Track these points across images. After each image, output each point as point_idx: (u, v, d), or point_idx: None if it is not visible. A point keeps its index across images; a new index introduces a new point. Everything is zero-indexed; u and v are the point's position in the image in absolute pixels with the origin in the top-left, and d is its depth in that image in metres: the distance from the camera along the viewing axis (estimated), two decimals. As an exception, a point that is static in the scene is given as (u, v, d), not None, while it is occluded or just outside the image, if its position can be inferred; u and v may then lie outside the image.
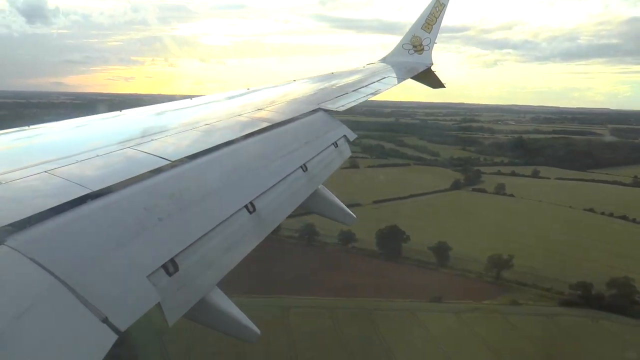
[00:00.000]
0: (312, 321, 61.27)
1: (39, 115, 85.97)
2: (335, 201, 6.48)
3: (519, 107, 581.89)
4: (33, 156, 4.18)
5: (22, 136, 5.20)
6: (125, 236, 3.24)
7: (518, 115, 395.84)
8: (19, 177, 3.54)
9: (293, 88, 10.16)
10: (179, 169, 4.40)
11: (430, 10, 15.95)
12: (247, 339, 4.14)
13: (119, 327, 2.68)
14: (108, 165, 4.11)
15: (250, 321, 4.11)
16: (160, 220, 3.56)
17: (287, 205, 5.16)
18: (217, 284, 3.82)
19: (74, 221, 3.17)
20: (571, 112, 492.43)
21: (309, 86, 10.56)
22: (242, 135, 5.71)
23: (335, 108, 8.23)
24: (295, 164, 5.74)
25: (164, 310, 3.13)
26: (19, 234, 2.86)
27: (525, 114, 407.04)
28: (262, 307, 55.98)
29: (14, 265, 2.64)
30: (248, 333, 4.09)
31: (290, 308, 64.03)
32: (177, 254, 3.40)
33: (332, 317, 62.96)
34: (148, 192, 3.86)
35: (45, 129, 5.49)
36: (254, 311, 5.55)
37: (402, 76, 13.98)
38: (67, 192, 3.36)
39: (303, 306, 64.70)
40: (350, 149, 7.52)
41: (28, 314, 2.38)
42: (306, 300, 66.02)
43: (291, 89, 9.97)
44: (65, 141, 5.17)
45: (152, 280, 3.11)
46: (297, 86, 10.47)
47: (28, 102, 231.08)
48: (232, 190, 4.57)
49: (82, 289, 2.68)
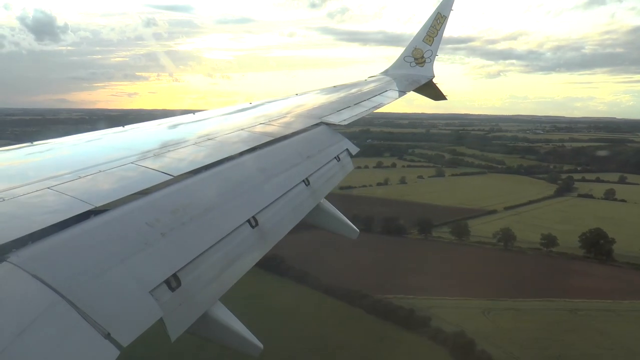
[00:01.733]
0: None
1: (41, 132, 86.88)
2: (337, 215, 6.47)
3: (522, 117, 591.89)
4: (36, 172, 4.21)
5: (25, 152, 5.24)
6: (127, 252, 3.25)
7: (531, 125, 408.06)
8: (22, 194, 3.56)
9: (295, 102, 10.19)
10: (182, 184, 4.42)
11: (431, 22, 16.03)
12: (249, 352, 4.12)
13: (122, 343, 2.68)
14: (111, 181, 4.14)
15: (253, 335, 4.09)
16: (163, 235, 3.57)
17: (290, 220, 5.16)
18: (219, 298, 3.82)
19: (77, 237, 3.19)
20: (578, 121, 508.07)
21: (311, 100, 10.60)
22: (244, 149, 5.74)
23: (337, 122, 8.26)
24: (298, 178, 5.75)
25: (166, 325, 3.12)
26: (22, 250, 2.88)
27: (539, 124, 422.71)
28: (554, 311, 67.26)
29: (16, 281, 2.65)
30: (251, 347, 4.07)
31: (576, 311, 70.64)
32: (179, 269, 3.40)
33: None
34: (151, 208, 3.87)
35: (48, 145, 5.53)
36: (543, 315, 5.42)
37: (404, 89, 14.02)
38: (70, 208, 3.38)
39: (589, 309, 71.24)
40: (412, 157, 7.43)
41: (30, 331, 2.38)
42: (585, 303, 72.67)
43: (293, 103, 10.00)
44: (68, 157, 5.20)
45: (155, 296, 3.11)
46: (299, 100, 10.50)
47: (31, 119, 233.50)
48: (235, 204, 4.58)
49: (85, 305, 2.69)
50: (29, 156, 5.18)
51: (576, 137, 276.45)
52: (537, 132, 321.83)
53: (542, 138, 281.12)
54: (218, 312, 3.83)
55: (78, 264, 2.97)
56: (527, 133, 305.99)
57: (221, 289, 3.79)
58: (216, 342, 3.93)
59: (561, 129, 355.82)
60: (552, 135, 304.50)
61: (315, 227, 6.34)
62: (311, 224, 6.16)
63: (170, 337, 3.18)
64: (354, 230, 6.72)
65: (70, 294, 2.68)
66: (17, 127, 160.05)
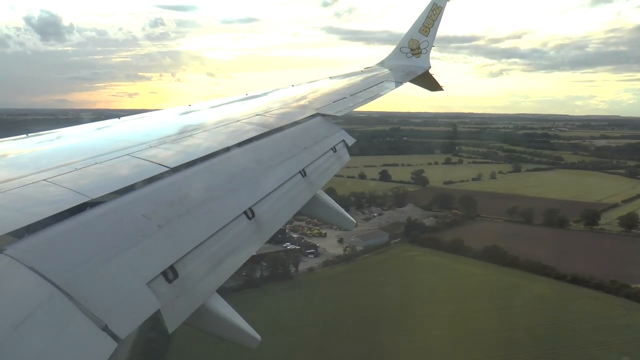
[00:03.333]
0: None
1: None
2: (334, 206, 6.47)
3: (524, 116, 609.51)
4: (32, 164, 4.19)
5: (20, 145, 5.20)
6: (124, 244, 3.24)
7: (536, 122, 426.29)
8: (18, 186, 3.54)
9: (291, 93, 10.14)
10: (178, 176, 4.41)
11: (427, 13, 15.92)
12: (247, 344, 4.13)
13: (119, 335, 2.68)
14: (107, 172, 4.11)
15: (251, 327, 4.10)
16: (160, 227, 3.57)
17: (287, 211, 5.16)
18: (216, 290, 3.82)
19: (73, 229, 3.18)
20: (586, 119, 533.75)
21: (307, 91, 10.56)
22: (241, 141, 5.72)
23: (333, 113, 8.24)
24: (294, 169, 5.74)
25: (163, 317, 3.12)
26: (18, 242, 2.87)
27: (545, 122, 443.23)
28: None
29: (13, 274, 2.64)
30: (248, 339, 4.08)
31: None
32: (176, 261, 3.40)
33: None
34: (147, 200, 3.86)
35: (44, 137, 5.50)
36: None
37: (400, 79, 13.96)
38: (66, 200, 3.36)
39: None
40: (462, 154, 7.48)
41: (28, 323, 2.38)
42: None
43: (289, 94, 9.95)
44: (63, 149, 5.17)
45: (152, 288, 3.11)
46: (295, 91, 10.45)
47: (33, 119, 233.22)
48: (231, 196, 4.57)
49: (82, 297, 2.69)
50: (24, 148, 5.15)
51: (609, 134, 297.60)
52: (562, 130, 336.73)
53: (573, 135, 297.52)
54: (216, 304, 3.83)
55: (75, 256, 2.96)
56: (552, 130, 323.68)
57: (218, 280, 3.79)
58: (214, 334, 3.94)
59: (576, 127, 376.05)
60: (579, 132, 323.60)
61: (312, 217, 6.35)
62: (308, 214, 6.17)
63: (167, 329, 3.19)
64: (350, 221, 6.72)
65: (67, 286, 2.68)
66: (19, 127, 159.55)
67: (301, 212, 5.62)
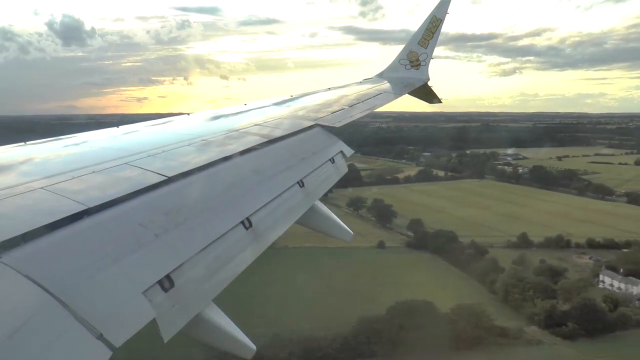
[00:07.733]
0: None
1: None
2: (331, 217, 6.47)
3: (538, 114, 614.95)
4: (29, 172, 4.20)
5: (18, 152, 5.22)
6: (120, 252, 3.24)
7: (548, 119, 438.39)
8: (15, 194, 3.55)
9: (289, 104, 10.21)
10: (176, 185, 4.42)
11: (426, 25, 16.07)
12: (242, 355, 4.12)
13: (114, 344, 2.68)
14: (104, 181, 4.13)
15: (246, 337, 4.09)
16: (157, 236, 3.57)
17: (284, 221, 5.16)
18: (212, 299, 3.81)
19: (69, 238, 3.18)
20: (599, 117, 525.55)
21: (305, 101, 10.61)
22: (239, 151, 5.74)
23: (332, 124, 8.27)
24: (292, 179, 5.76)
25: (159, 326, 3.12)
26: (14, 250, 2.87)
27: (554, 119, 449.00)
28: None
29: (8, 281, 2.64)
30: (244, 349, 4.07)
31: None
32: (173, 270, 3.40)
33: None
34: (144, 208, 3.87)
35: (42, 145, 5.51)
36: None
37: (399, 92, 14.05)
38: (62, 209, 3.37)
39: None
40: (509, 155, 7.43)
41: (22, 331, 2.37)
42: None
43: (287, 105, 10.01)
44: (61, 157, 5.18)
45: (148, 297, 3.10)
46: (293, 102, 10.52)
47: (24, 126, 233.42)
48: (229, 206, 4.58)
49: (77, 306, 2.68)
50: (22, 156, 5.16)
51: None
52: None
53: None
54: (211, 314, 3.83)
55: (71, 264, 2.96)
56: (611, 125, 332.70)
57: (215, 290, 3.78)
58: (209, 343, 3.93)
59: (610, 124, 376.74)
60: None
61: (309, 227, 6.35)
62: (306, 225, 6.17)
63: (163, 338, 3.18)
64: (347, 233, 6.72)
65: (62, 295, 2.68)
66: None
67: (298, 222, 5.62)
